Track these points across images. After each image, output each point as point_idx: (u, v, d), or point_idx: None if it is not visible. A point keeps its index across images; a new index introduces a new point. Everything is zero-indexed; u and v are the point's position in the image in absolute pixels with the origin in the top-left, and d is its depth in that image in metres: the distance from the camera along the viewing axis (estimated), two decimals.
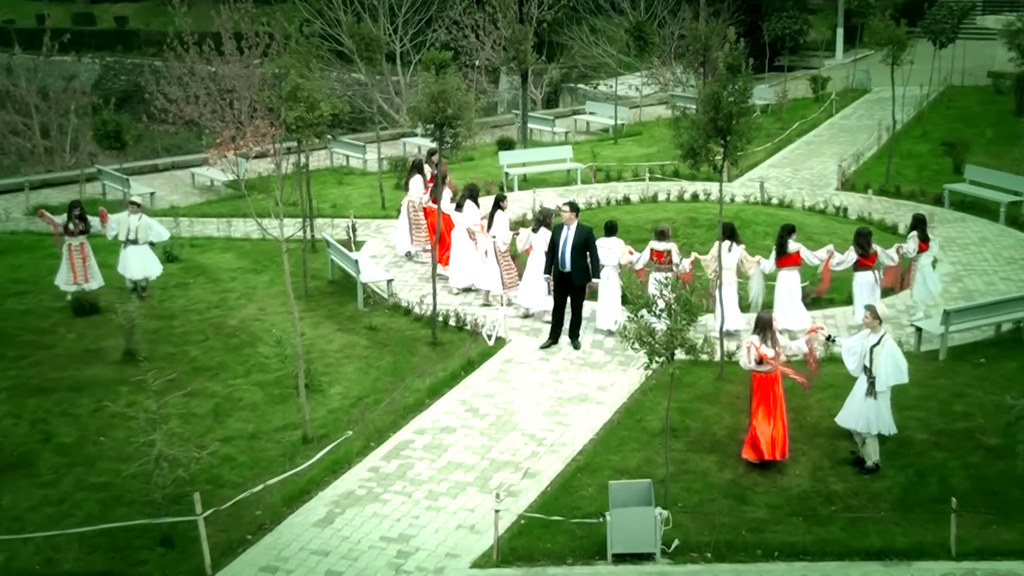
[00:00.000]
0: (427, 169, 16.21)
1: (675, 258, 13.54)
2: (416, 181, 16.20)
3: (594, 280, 13.40)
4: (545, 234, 13.80)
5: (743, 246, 13.53)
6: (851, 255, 13.39)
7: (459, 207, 15.31)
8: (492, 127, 29.15)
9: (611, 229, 13.84)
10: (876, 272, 13.45)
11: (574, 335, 13.52)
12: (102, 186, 21.73)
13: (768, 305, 13.29)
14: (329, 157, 25.11)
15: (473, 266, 15.15)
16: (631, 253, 13.79)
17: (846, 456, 10.47)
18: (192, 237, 18.76)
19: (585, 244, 13.22)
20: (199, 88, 24.13)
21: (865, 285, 13.46)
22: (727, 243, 13.26)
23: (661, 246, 13.58)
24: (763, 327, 10.13)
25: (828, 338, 10.62)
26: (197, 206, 21.06)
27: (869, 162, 23.16)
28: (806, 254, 13.40)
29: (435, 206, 14.76)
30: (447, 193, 15.82)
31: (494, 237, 14.79)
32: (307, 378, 11.82)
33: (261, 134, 10.79)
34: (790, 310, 13.26)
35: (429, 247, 15.21)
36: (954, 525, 9.02)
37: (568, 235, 13.22)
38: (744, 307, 13.61)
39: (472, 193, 15.38)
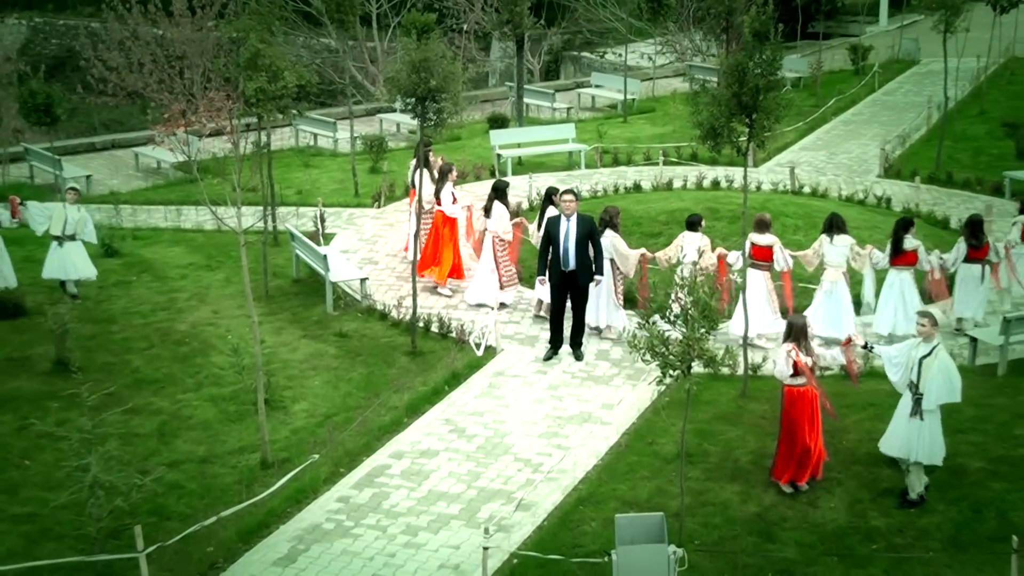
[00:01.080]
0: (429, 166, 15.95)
1: (778, 255, 13.32)
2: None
3: (597, 278, 13.42)
4: (612, 237, 13.72)
5: (851, 239, 13.41)
6: (961, 248, 13.43)
7: (487, 211, 14.98)
8: (482, 102, 29.16)
9: (693, 224, 13.62)
10: (985, 266, 13.49)
11: (576, 344, 13.54)
12: (29, 168, 21.68)
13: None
14: (294, 136, 25.11)
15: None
16: (719, 254, 13.52)
17: (889, 486, 10.47)
18: (135, 228, 18.72)
19: (588, 237, 13.24)
20: (144, 54, 24.04)
21: (970, 280, 13.47)
22: (827, 236, 13.27)
23: (764, 240, 13.43)
24: (797, 334, 10.12)
25: (864, 346, 10.60)
26: (141, 192, 21.02)
27: (917, 145, 23.22)
28: (924, 256, 13.36)
29: (444, 207, 15.04)
30: (447, 189, 15.73)
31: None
32: (267, 393, 11.81)
33: (216, 108, 10.75)
34: (901, 316, 13.23)
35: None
36: (1015, 567, 9.00)
37: (569, 228, 13.23)
38: (859, 309, 13.61)
39: (500, 192, 14.93)
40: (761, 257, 13.42)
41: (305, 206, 19.41)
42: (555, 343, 13.57)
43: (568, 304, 13.55)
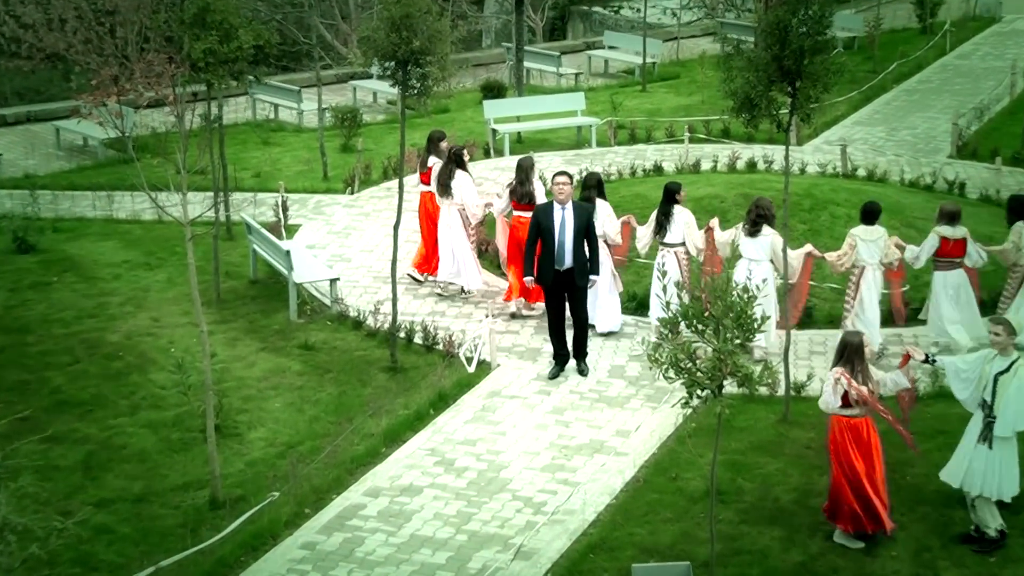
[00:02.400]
0: (436, 161, 15.92)
1: (972, 250, 13.29)
2: (463, 182, 15.29)
3: (593, 278, 13.46)
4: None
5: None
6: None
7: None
8: (474, 66, 29.21)
9: (871, 215, 13.49)
10: None
11: (580, 354, 13.59)
12: None
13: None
14: (251, 107, 25.16)
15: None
16: (901, 248, 13.48)
17: (963, 530, 10.48)
18: (56, 218, 18.73)
19: (587, 229, 13.27)
20: (66, 9, 24.04)
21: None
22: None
23: (957, 232, 13.42)
24: (851, 355, 10.08)
25: (926, 359, 10.56)
26: (64, 174, 21.04)
27: (997, 119, 23.29)
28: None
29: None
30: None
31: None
32: (218, 417, 11.82)
33: (155, 74, 10.76)
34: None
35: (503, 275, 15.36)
36: None
37: (564, 218, 13.25)
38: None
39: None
40: (951, 254, 13.36)
41: (264, 192, 19.44)
42: (560, 358, 13.60)
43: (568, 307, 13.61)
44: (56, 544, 9.94)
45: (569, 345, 13.59)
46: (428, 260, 15.90)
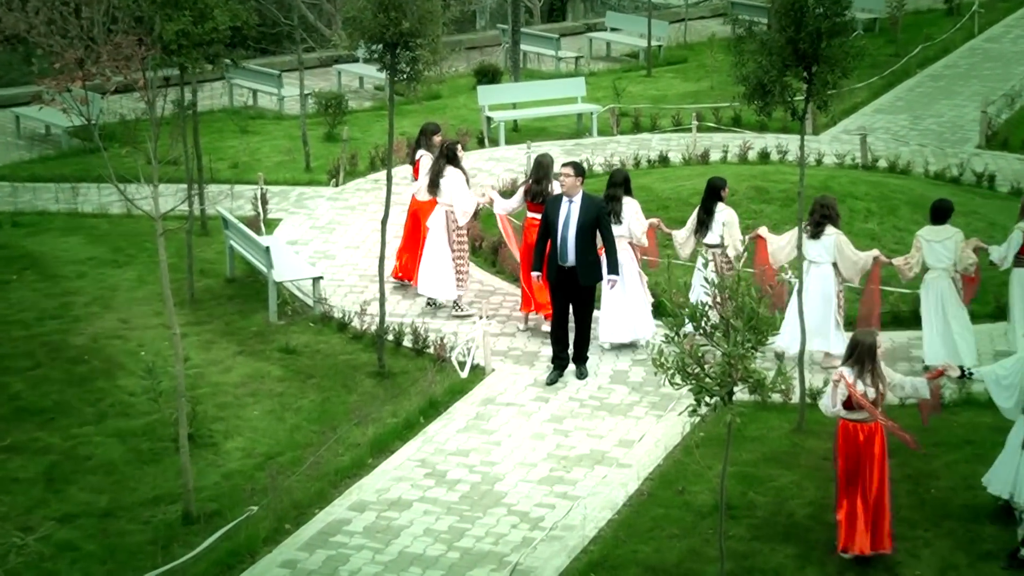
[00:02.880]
0: (424, 154, 15.77)
1: None
2: (455, 179, 15.03)
3: (610, 278, 13.46)
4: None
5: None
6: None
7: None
8: (468, 49, 29.22)
9: (941, 213, 13.21)
10: None
11: (579, 359, 13.59)
12: None
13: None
14: (227, 93, 25.14)
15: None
16: (981, 250, 13.37)
17: (993, 547, 10.47)
18: (16, 212, 18.70)
19: (595, 225, 13.28)
20: None
21: None
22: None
23: None
24: (862, 355, 10.09)
25: (962, 374, 10.55)
26: (24, 165, 21.02)
27: None
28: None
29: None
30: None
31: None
32: (192, 426, 11.80)
33: (124, 57, 10.72)
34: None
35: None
36: None
37: (570, 211, 13.28)
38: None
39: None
40: None
41: (242, 184, 19.43)
42: (559, 362, 13.61)
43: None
44: (16, 562, 9.95)
45: (570, 349, 13.61)
46: (408, 265, 15.68)
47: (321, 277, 15.50)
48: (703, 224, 13.92)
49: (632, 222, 13.98)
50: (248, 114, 23.95)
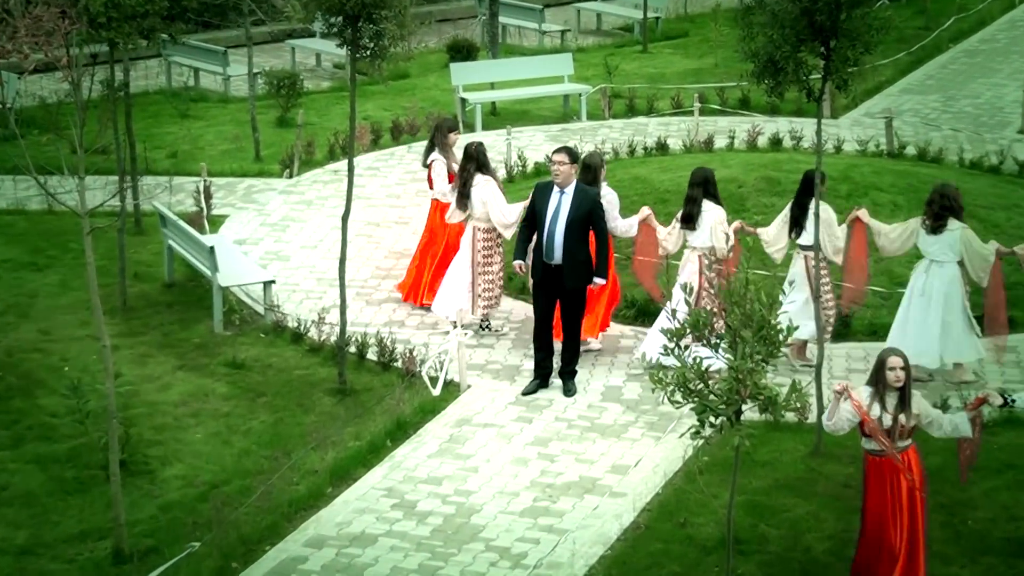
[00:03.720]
0: (437, 158, 15.46)
1: None
2: (488, 189, 14.70)
3: (597, 281, 13.51)
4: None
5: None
6: None
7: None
8: (439, 22, 29.22)
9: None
10: None
11: (567, 373, 13.62)
12: None
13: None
14: (165, 72, 25.07)
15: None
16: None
17: None
18: None
19: (588, 220, 13.34)
20: None
21: None
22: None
23: None
24: (887, 377, 9.99)
25: (1005, 402, 10.48)
26: None
27: None
28: None
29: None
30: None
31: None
32: (124, 451, 11.76)
33: (44, 32, 10.67)
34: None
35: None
36: None
37: (561, 203, 13.30)
38: None
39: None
40: None
41: (182, 175, 19.37)
42: (541, 371, 13.64)
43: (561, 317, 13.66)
44: None
45: (557, 360, 13.66)
46: (417, 287, 15.46)
47: (273, 281, 15.49)
48: (797, 222, 13.72)
49: (716, 232, 13.64)
50: (189, 96, 23.90)
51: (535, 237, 13.45)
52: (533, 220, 13.42)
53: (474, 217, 14.64)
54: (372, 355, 14.27)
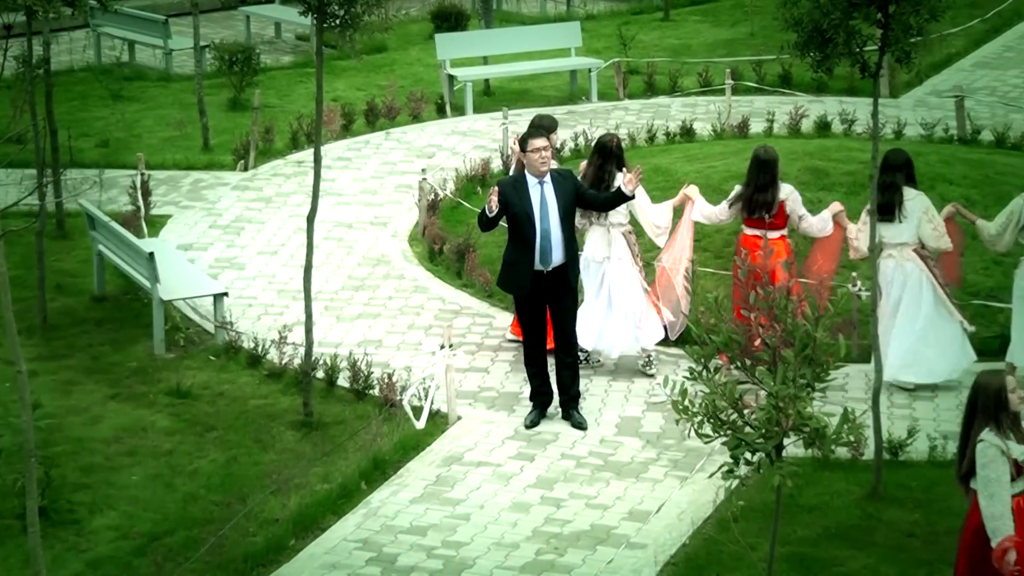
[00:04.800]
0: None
1: None
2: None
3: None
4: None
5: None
6: None
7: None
8: None
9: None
10: None
11: (569, 397, 13.66)
12: None
13: None
14: (94, 45, 25.06)
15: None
16: None
17: None
18: None
19: (577, 197, 13.48)
20: None
21: None
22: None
23: None
24: (993, 407, 9.76)
25: None
26: None
27: None
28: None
29: None
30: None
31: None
32: (44, 497, 11.72)
33: None
34: None
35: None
36: None
37: (545, 196, 13.35)
38: None
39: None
40: None
41: (115, 168, 19.39)
42: (542, 398, 13.65)
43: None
44: None
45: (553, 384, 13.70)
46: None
47: (226, 294, 15.47)
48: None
49: (923, 223, 13.76)
50: (123, 74, 23.90)
51: (516, 243, 13.37)
52: (496, 220, 13.37)
53: (614, 224, 14.42)
54: (344, 381, 14.26)
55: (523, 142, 13.56)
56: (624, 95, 22.27)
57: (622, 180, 13.82)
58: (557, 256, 13.32)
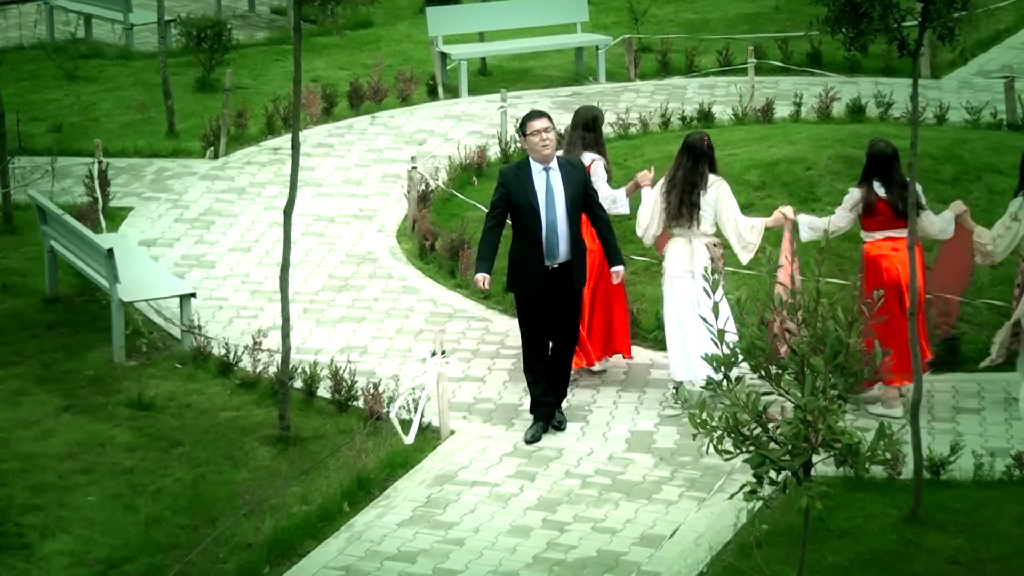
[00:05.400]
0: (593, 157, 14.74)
1: None
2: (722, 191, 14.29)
3: (618, 270, 13.65)
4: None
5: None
6: None
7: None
8: None
9: None
10: None
11: (554, 397, 13.74)
12: None
13: None
14: (46, 20, 25.05)
15: None
16: None
17: None
18: None
19: (585, 193, 13.47)
20: None
21: None
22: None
23: None
24: None
25: None
26: None
27: None
28: None
29: None
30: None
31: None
32: None
33: None
34: None
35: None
36: None
37: (551, 184, 13.39)
38: None
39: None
40: None
41: (70, 156, 19.37)
42: (544, 409, 13.66)
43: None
44: None
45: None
46: (607, 339, 14.66)
47: (193, 294, 15.44)
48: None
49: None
50: (78, 51, 23.89)
51: (520, 238, 13.43)
52: (503, 218, 13.45)
53: (699, 235, 14.20)
54: (324, 392, 14.24)
55: (523, 125, 13.57)
56: (635, 75, 22.26)
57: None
58: (563, 251, 13.34)
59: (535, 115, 13.57)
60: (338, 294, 16.31)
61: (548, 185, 13.30)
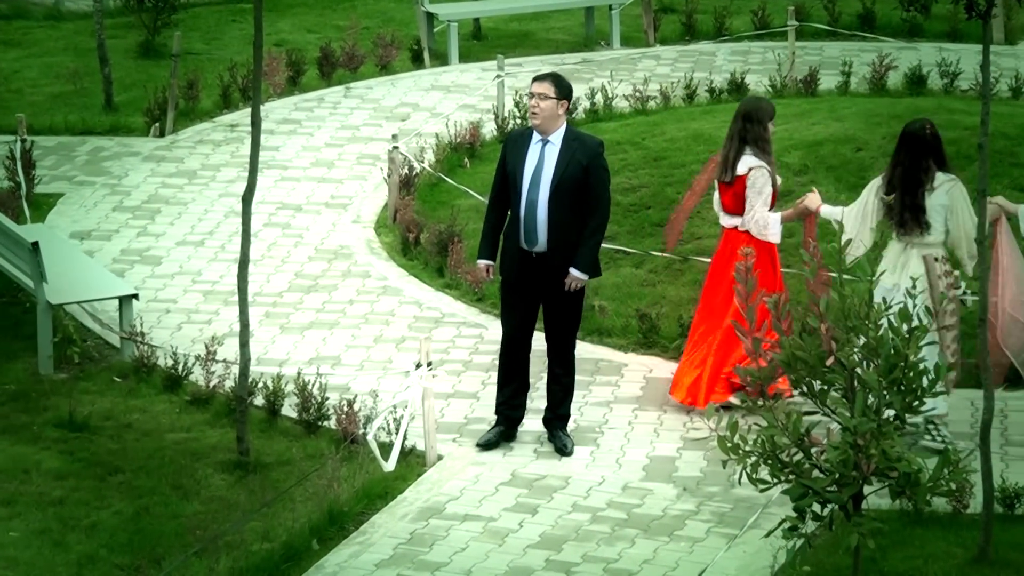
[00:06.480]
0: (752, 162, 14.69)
1: None
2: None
3: (574, 274, 13.60)
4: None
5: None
6: None
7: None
8: None
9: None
10: None
11: (558, 419, 13.85)
12: None
13: None
14: None
15: None
16: None
17: None
18: None
19: (584, 183, 13.49)
20: None
21: None
22: None
23: None
24: None
25: None
26: None
27: None
28: None
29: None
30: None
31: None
32: None
33: None
34: None
35: None
36: None
37: (544, 157, 13.49)
38: None
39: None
40: None
41: None
42: (508, 411, 13.82)
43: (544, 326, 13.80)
44: None
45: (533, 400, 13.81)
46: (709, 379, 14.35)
47: (135, 296, 15.50)
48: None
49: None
50: (0, 12, 23.91)
51: (508, 214, 13.61)
52: (504, 192, 13.59)
53: (917, 242, 14.03)
54: (290, 410, 14.31)
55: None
56: (655, 39, 22.31)
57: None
58: (540, 238, 13.45)
59: (536, 77, 13.69)
60: (306, 295, 16.38)
61: (540, 159, 13.42)
